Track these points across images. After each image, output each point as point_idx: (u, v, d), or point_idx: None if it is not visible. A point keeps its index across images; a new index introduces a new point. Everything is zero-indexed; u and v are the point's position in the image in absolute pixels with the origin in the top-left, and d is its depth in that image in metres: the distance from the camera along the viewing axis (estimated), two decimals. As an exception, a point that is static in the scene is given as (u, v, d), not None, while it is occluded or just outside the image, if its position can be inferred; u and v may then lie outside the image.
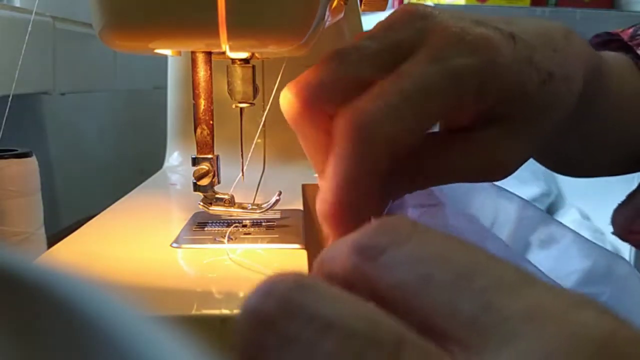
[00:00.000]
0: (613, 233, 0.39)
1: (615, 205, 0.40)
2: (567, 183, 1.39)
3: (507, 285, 0.15)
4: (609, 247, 1.17)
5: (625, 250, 1.13)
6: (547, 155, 0.38)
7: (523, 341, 0.13)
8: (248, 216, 0.41)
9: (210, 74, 0.36)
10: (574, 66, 0.29)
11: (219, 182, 0.39)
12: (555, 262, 0.48)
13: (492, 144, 0.28)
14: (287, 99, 0.27)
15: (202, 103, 0.37)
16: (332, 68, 0.27)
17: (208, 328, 0.27)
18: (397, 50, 0.26)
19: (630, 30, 0.39)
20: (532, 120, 0.28)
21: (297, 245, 0.36)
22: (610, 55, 0.36)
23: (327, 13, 0.33)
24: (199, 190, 0.38)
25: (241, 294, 0.30)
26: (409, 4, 0.29)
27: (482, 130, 0.28)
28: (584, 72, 0.30)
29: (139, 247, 0.37)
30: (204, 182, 0.38)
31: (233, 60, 0.37)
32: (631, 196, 0.39)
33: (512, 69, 0.27)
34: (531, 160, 0.33)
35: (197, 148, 0.38)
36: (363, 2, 0.51)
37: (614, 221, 0.40)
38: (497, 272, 0.15)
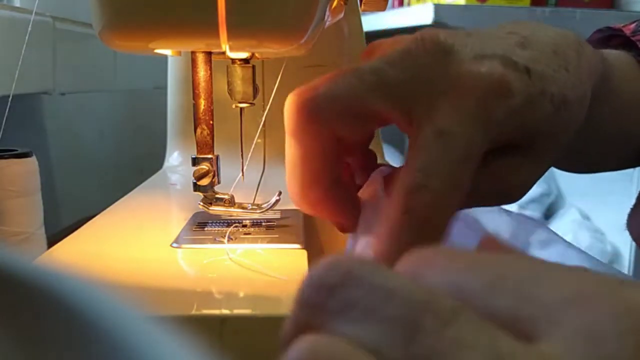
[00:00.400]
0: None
1: (615, 205, 0.40)
2: (567, 183, 1.39)
3: (542, 276, 0.15)
4: (608, 248, 1.17)
5: (626, 250, 1.13)
6: None
7: (569, 324, 0.13)
8: (248, 216, 0.41)
9: (210, 74, 0.36)
10: (586, 84, 0.30)
11: (219, 182, 0.39)
12: None
13: (509, 170, 0.28)
14: (294, 104, 0.27)
15: (202, 103, 0.37)
16: (348, 84, 0.26)
17: (208, 328, 0.27)
18: (417, 85, 0.26)
19: (633, 25, 0.39)
20: (548, 146, 0.29)
21: (297, 245, 0.36)
22: (612, 54, 0.37)
23: (327, 13, 0.33)
24: (199, 190, 0.38)
25: (241, 294, 0.30)
26: (429, 30, 0.28)
27: (499, 159, 0.28)
28: (592, 84, 0.30)
29: (139, 247, 0.37)
30: (204, 182, 0.38)
31: (233, 60, 0.37)
32: None
33: (527, 104, 0.27)
34: None
35: (197, 148, 0.38)
36: (363, 2, 0.51)
37: (630, 227, 0.40)
38: (527, 267, 0.15)
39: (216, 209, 0.39)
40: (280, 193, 0.39)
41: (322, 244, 0.44)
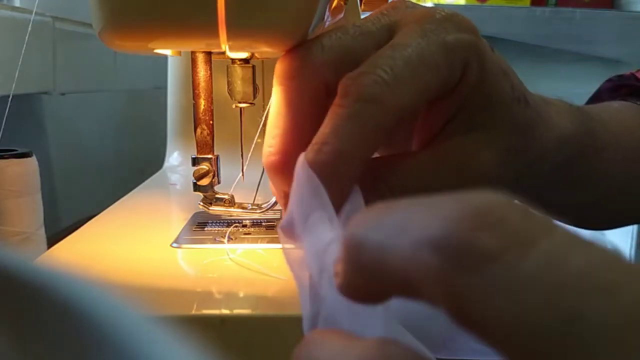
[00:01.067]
0: None
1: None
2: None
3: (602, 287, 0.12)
4: (608, 247, 1.17)
5: (626, 250, 1.13)
6: (556, 209, 0.36)
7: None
8: (248, 216, 0.41)
9: (210, 74, 0.36)
10: (554, 118, 0.30)
11: (219, 182, 0.39)
12: None
13: (471, 150, 0.27)
14: (283, 57, 0.28)
15: (202, 103, 0.37)
16: (335, 36, 0.27)
17: (208, 328, 0.27)
18: (391, 29, 0.27)
19: None
20: (509, 135, 0.28)
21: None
22: (613, 107, 0.37)
23: (327, 13, 0.33)
24: (199, 190, 0.38)
25: (241, 294, 0.30)
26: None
27: (461, 135, 0.27)
28: (561, 129, 0.30)
29: (139, 247, 0.37)
30: (204, 182, 0.38)
31: (233, 60, 0.37)
32: None
33: (490, 63, 0.27)
34: None
35: (197, 148, 0.38)
36: (363, 2, 0.51)
37: None
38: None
39: (216, 209, 0.39)
40: (280, 193, 0.39)
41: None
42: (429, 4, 1.00)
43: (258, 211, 0.40)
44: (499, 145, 0.28)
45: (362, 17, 0.64)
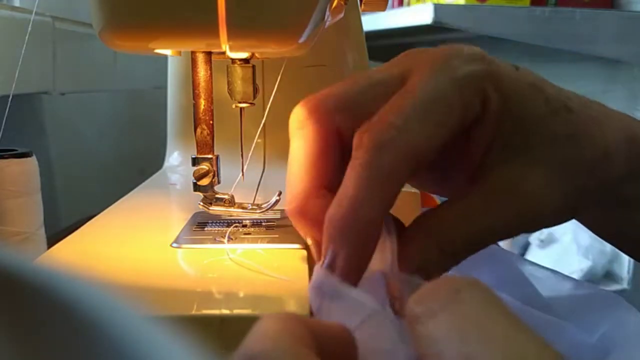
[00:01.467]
0: None
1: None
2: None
3: None
4: (608, 248, 1.17)
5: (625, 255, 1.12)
6: (613, 235, 0.35)
7: None
8: (248, 216, 0.41)
9: (210, 74, 0.36)
10: (606, 126, 0.28)
11: (219, 182, 0.39)
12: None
13: (514, 178, 0.26)
14: (295, 108, 0.28)
15: (202, 103, 0.37)
16: (344, 86, 0.28)
17: (208, 328, 0.27)
18: (403, 77, 0.27)
19: None
20: (549, 149, 0.27)
21: (297, 245, 0.36)
22: None
23: (327, 13, 0.33)
24: (199, 190, 0.38)
25: (241, 294, 0.30)
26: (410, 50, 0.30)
27: (501, 164, 0.27)
28: (617, 136, 0.28)
29: (139, 247, 0.37)
30: (204, 182, 0.38)
31: (233, 60, 0.37)
32: None
33: (511, 84, 0.27)
34: None
35: (197, 148, 0.38)
36: (363, 2, 0.51)
37: None
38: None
39: (216, 209, 0.39)
40: (280, 193, 0.39)
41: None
42: (429, 4, 1.00)
43: (258, 211, 0.40)
44: (541, 163, 0.27)
45: (363, 17, 0.65)
